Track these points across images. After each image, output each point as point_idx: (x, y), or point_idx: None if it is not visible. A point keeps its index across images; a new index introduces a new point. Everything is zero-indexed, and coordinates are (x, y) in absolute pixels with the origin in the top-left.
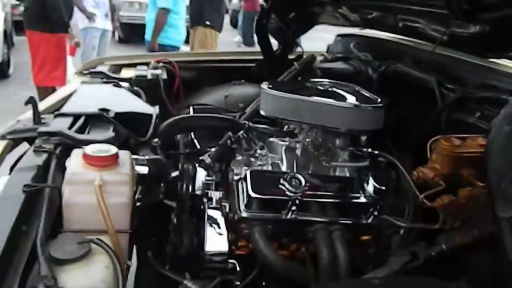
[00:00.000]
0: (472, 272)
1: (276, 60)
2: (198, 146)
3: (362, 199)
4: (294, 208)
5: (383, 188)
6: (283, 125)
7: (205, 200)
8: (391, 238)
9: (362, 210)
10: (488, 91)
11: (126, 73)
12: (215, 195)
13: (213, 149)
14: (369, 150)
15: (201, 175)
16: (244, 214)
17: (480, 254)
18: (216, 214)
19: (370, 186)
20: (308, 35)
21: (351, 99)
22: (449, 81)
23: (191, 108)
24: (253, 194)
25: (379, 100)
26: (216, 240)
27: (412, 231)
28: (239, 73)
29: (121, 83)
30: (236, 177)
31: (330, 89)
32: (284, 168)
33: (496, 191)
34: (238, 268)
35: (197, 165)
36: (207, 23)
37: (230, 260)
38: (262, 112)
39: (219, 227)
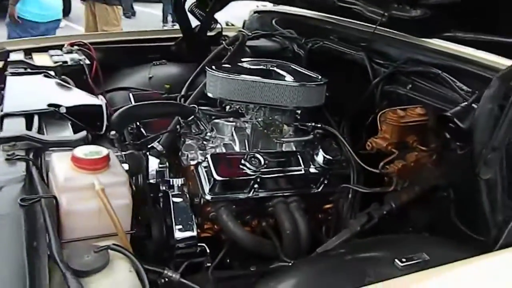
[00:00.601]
0: (411, 223)
1: (196, 38)
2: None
3: (313, 170)
4: (256, 186)
5: (331, 158)
6: (225, 106)
7: (164, 187)
8: (339, 203)
9: (313, 180)
10: (418, 65)
11: (40, 59)
12: (177, 182)
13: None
14: (313, 124)
15: (153, 163)
16: (209, 198)
17: (419, 207)
18: (179, 200)
19: (320, 157)
20: None
21: (295, 78)
22: (378, 56)
23: (130, 96)
24: (217, 177)
25: (319, 77)
26: (183, 226)
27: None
28: (157, 52)
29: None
30: (192, 162)
31: (270, 68)
32: (237, 148)
33: (478, 158)
34: (208, 250)
35: (148, 153)
36: None
37: (199, 244)
38: (209, 95)
39: (184, 213)
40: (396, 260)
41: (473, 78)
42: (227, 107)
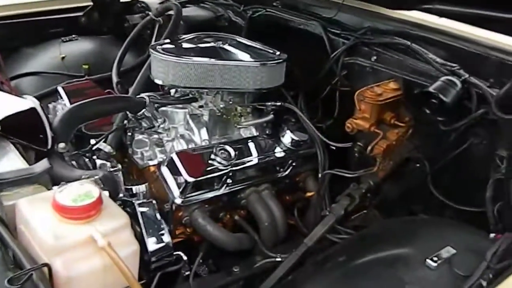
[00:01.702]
0: (382, 195)
1: (108, 6)
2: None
3: (281, 153)
4: (228, 180)
5: (299, 139)
6: (170, 90)
7: (122, 195)
8: (305, 183)
9: (281, 164)
10: (383, 37)
11: None
12: (140, 189)
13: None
14: (271, 103)
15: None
16: (179, 202)
17: (389, 180)
18: (147, 209)
19: (287, 139)
20: None
21: (251, 56)
22: (333, 26)
23: (60, 90)
24: (189, 179)
25: (277, 52)
26: (156, 238)
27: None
28: (62, 26)
29: None
30: (151, 162)
31: (221, 46)
32: (196, 138)
33: None
34: (185, 258)
35: (94, 157)
36: None
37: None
38: (158, 82)
39: (154, 223)
40: (428, 260)
41: (441, 49)
42: (172, 91)
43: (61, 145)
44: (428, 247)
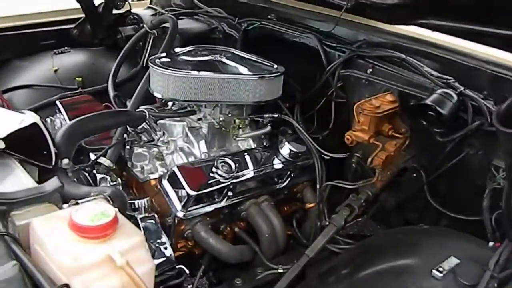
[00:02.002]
0: (379, 204)
1: (100, 17)
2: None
3: (280, 165)
4: (229, 193)
5: (296, 150)
6: (166, 103)
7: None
8: (303, 194)
9: (280, 175)
10: (379, 50)
11: None
12: (143, 203)
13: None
14: (269, 115)
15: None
16: (181, 215)
17: (386, 189)
18: (149, 224)
19: (285, 150)
20: None
21: (249, 69)
22: (328, 39)
23: (59, 104)
24: (191, 192)
25: (274, 65)
26: (158, 252)
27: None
28: (53, 38)
29: None
30: (152, 176)
31: (219, 59)
32: (196, 151)
33: None
34: (187, 271)
35: (94, 171)
36: None
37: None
38: (158, 95)
39: (157, 237)
40: (434, 270)
41: (436, 62)
42: (170, 103)
43: (65, 161)
44: (432, 257)
